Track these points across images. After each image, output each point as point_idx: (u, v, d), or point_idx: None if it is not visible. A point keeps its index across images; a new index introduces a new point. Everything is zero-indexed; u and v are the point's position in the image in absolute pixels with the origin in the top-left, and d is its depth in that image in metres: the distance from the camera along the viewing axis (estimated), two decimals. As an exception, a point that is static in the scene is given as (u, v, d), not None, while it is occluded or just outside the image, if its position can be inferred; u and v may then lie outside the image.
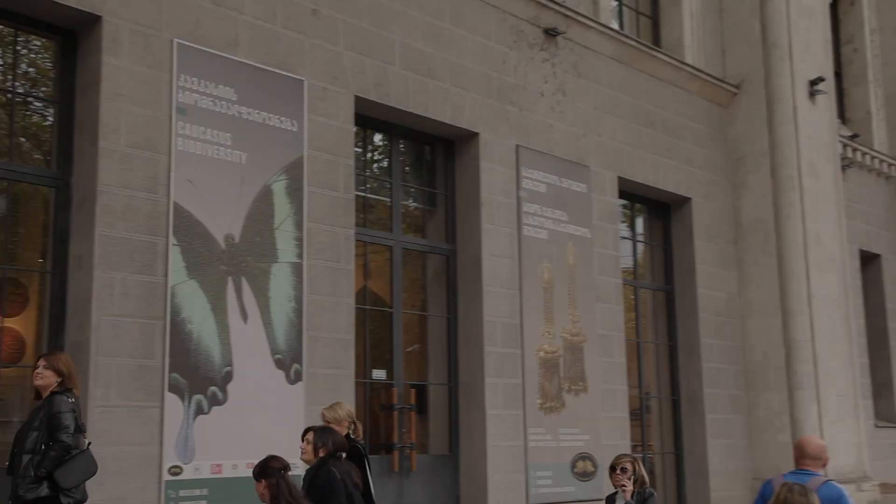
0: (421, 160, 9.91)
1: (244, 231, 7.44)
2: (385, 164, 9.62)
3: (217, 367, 7.10)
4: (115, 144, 6.79)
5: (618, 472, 6.16)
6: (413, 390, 9.02)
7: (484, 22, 9.86)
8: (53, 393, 5.03)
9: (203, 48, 7.37)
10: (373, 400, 9.00)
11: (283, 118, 7.83)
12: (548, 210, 10.14)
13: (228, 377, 7.15)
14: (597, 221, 10.74)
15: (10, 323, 7.20)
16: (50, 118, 7.35)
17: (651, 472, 11.62)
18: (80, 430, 5.03)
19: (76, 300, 6.72)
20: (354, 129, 8.51)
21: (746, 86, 12.81)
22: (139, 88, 6.96)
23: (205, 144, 7.29)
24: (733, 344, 12.38)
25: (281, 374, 7.49)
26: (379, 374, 8.92)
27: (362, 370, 8.65)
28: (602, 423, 10.29)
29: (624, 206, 11.96)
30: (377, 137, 9.63)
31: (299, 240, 7.81)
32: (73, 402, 5.04)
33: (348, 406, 6.28)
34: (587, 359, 10.26)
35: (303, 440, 5.72)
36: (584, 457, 9.94)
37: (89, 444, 5.08)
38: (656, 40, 12.71)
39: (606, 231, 10.89)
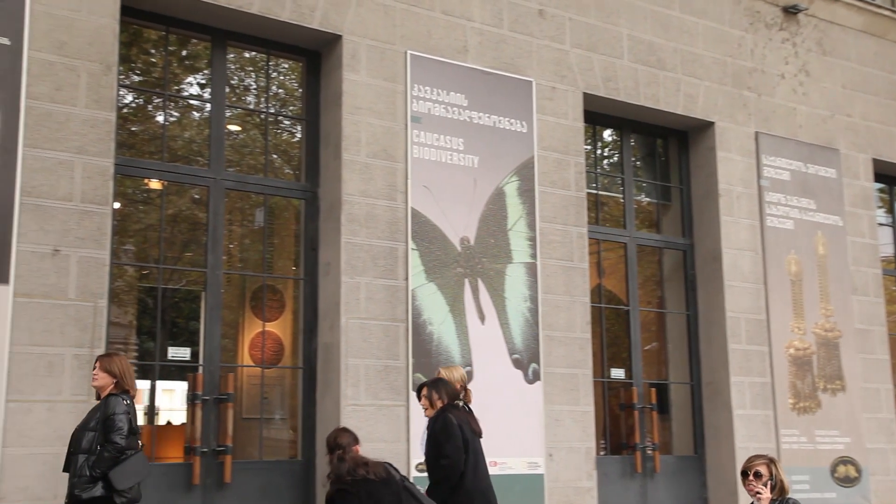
0: (653, 154, 9.65)
1: (479, 233, 7.58)
2: (616, 159, 9.46)
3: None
4: (357, 155, 7.14)
5: (750, 477, 5.09)
6: (653, 389, 8.79)
7: (716, 6, 9.45)
8: (109, 395, 5.08)
9: (434, 57, 7.60)
10: (611, 399, 8.87)
11: (512, 120, 7.91)
12: (793, 198, 9.54)
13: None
14: (849, 208, 9.97)
15: (270, 327, 7.78)
16: (298, 135, 7.86)
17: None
18: (133, 431, 5.01)
19: (326, 304, 7.12)
20: (583, 126, 8.43)
21: None
22: (377, 101, 7.29)
23: (438, 150, 7.50)
24: None
25: (519, 373, 7.56)
26: (617, 372, 8.78)
27: (600, 369, 8.55)
28: (865, 424, 9.52)
29: (880, 190, 11.01)
30: (607, 133, 9.49)
31: (532, 240, 7.85)
32: (127, 404, 5.05)
33: (463, 371, 6.21)
34: (844, 355, 9.54)
35: (419, 398, 5.88)
36: (845, 461, 9.24)
37: (143, 445, 5.09)
38: (912, 7, 11.60)
39: (861, 218, 10.07)
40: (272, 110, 7.80)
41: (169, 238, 8.11)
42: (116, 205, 6.46)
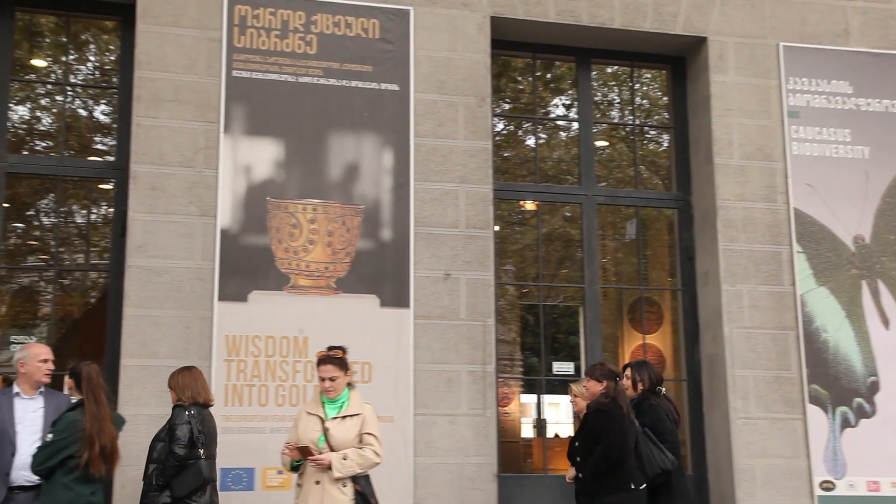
0: None
1: (875, 230, 6.90)
2: None
3: (860, 377, 6.66)
4: (730, 159, 6.86)
5: None
6: None
7: None
8: (174, 406, 5.15)
9: (810, 46, 7.09)
10: None
11: (907, 102, 7.13)
12: None
13: (874, 388, 6.65)
14: None
15: (649, 339, 7.72)
16: (665, 143, 7.75)
17: None
18: (194, 442, 5.01)
19: (707, 314, 6.90)
20: None
21: None
22: (748, 100, 6.95)
23: (821, 145, 6.97)
24: None
25: (936, 384, 6.73)
26: None
27: None
28: None
29: None
30: None
31: (941, 233, 6.97)
32: (190, 415, 5.06)
33: None
34: None
35: (622, 377, 5.65)
36: None
37: (204, 455, 5.05)
38: None
39: None
40: (638, 122, 7.76)
41: (545, 256, 8.38)
42: (496, 228, 6.82)
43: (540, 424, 9.66)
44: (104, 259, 7.32)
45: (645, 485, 5.20)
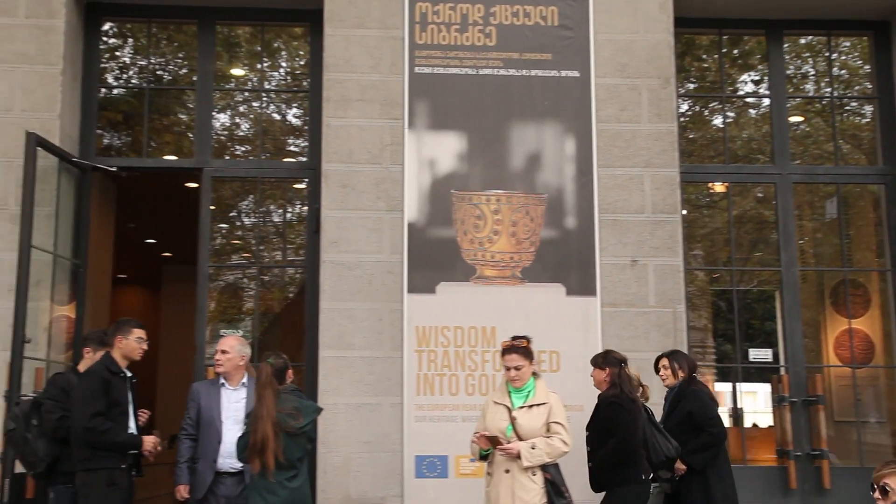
0: None
1: None
2: None
3: None
4: (944, 127, 6.33)
5: (876, 493, 3.52)
6: None
7: None
8: None
9: None
10: None
11: None
12: None
13: None
14: None
15: (856, 324, 7.24)
16: (868, 115, 7.23)
17: None
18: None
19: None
20: None
21: None
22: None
23: None
24: None
25: None
26: None
27: None
28: None
29: None
30: None
31: None
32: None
33: (636, 371, 5.51)
34: None
35: (658, 367, 5.66)
36: None
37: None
38: None
39: None
40: (836, 94, 7.29)
41: (736, 239, 8.04)
42: (683, 212, 6.60)
43: (736, 413, 9.31)
44: (300, 255, 7.70)
45: (652, 475, 5.14)
